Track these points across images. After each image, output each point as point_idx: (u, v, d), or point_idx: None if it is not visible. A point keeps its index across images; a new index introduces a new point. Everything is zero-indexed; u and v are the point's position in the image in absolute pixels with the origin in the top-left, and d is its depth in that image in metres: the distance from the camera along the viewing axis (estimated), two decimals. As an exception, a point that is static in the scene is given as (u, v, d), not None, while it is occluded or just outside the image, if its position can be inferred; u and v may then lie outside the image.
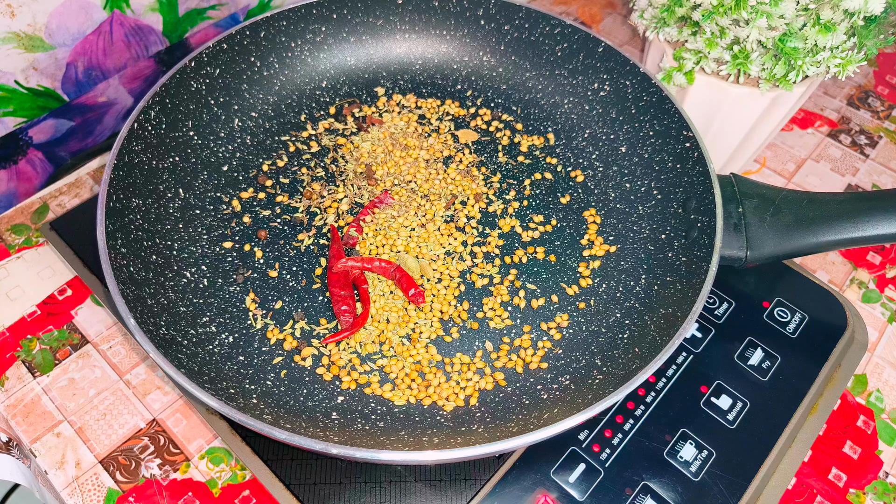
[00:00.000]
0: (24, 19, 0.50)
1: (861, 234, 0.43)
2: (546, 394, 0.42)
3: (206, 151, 0.52)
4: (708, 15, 0.46)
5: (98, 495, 0.42)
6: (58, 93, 0.56)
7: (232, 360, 0.43)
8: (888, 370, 0.50)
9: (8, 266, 0.53)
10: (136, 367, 0.48)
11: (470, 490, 0.42)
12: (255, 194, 0.52)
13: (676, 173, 0.49)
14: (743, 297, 0.51)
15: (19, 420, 0.45)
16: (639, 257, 0.48)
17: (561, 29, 0.54)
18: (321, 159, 0.54)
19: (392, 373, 0.44)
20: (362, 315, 0.45)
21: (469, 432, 0.40)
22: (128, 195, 0.44)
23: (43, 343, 0.49)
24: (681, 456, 0.44)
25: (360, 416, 0.41)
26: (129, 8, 0.55)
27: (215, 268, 0.47)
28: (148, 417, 0.46)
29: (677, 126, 0.48)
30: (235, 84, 0.54)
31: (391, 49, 0.59)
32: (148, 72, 0.62)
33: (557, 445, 0.44)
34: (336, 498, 0.42)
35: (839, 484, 0.45)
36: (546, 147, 0.56)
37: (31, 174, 0.59)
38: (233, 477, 0.43)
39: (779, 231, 0.44)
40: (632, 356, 0.41)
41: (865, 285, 0.55)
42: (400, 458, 0.34)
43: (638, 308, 0.45)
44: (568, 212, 0.52)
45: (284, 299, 0.47)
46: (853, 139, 0.65)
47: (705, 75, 0.50)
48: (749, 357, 0.48)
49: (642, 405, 0.46)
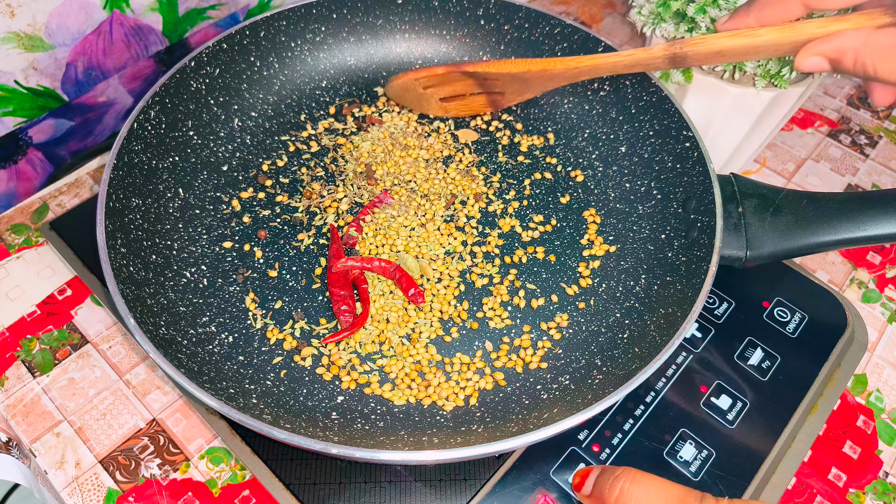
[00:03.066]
0: (23, 19, 0.50)
1: (861, 234, 0.43)
2: (546, 394, 0.42)
3: (205, 151, 0.52)
4: (701, 8, 0.46)
5: (98, 495, 0.42)
6: (58, 93, 0.56)
7: (232, 360, 0.43)
8: (888, 370, 0.50)
9: (8, 266, 0.53)
10: (136, 367, 0.48)
11: (470, 490, 0.42)
12: (255, 194, 0.52)
13: (676, 173, 0.49)
14: (743, 297, 0.51)
15: (19, 420, 0.45)
16: (639, 257, 0.48)
17: (561, 29, 0.54)
18: (321, 159, 0.54)
19: (392, 373, 0.44)
20: (362, 315, 0.45)
21: (469, 432, 0.40)
22: (127, 195, 0.44)
23: (43, 343, 0.49)
24: (680, 456, 0.44)
25: (360, 416, 0.41)
26: (128, 8, 0.55)
27: (215, 268, 0.47)
28: (148, 417, 0.46)
29: (677, 126, 0.48)
30: (235, 84, 0.54)
31: (391, 49, 0.59)
32: (148, 72, 0.62)
33: (557, 445, 0.44)
34: (336, 498, 0.42)
35: (839, 484, 0.45)
36: (546, 147, 0.56)
37: (31, 174, 0.59)
38: (233, 477, 0.43)
39: (779, 231, 0.44)
40: (632, 356, 0.41)
41: (865, 285, 0.55)
42: (400, 458, 0.34)
43: (638, 308, 0.45)
44: (568, 212, 0.52)
45: (284, 299, 0.47)
46: (853, 139, 0.65)
47: (704, 74, 0.50)
48: (749, 357, 0.48)
49: (642, 405, 0.46)
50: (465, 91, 0.53)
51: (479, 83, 0.52)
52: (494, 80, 0.51)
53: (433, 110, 0.56)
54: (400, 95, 0.55)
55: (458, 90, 0.53)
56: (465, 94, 0.53)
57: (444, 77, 0.51)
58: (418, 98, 0.55)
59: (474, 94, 0.53)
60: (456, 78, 0.51)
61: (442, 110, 0.56)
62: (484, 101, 0.54)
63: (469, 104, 0.55)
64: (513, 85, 0.51)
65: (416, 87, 0.53)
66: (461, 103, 0.55)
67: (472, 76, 0.51)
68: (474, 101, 0.54)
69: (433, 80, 0.52)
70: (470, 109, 0.56)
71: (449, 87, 0.53)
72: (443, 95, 0.54)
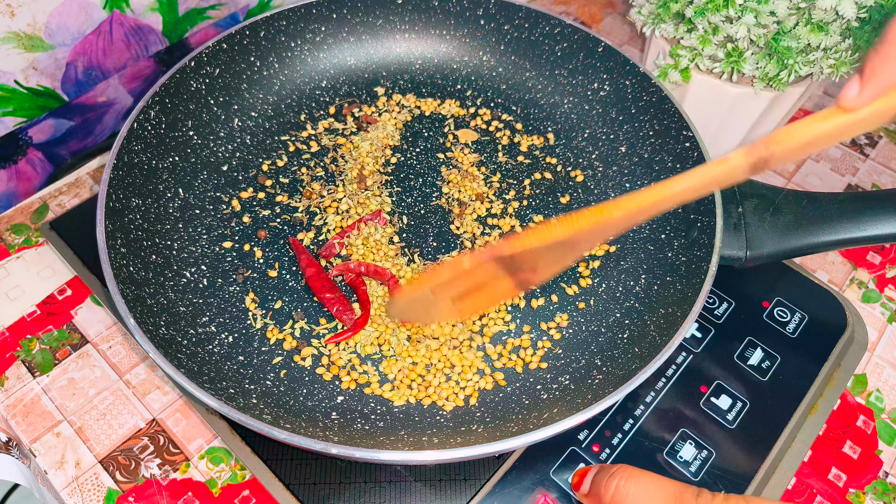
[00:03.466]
0: (23, 19, 0.50)
1: (861, 234, 0.43)
2: (546, 394, 0.42)
3: (205, 151, 0.52)
4: (700, 11, 0.46)
5: (98, 495, 0.42)
6: (58, 93, 0.56)
7: (232, 360, 0.43)
8: (888, 370, 0.50)
9: (8, 266, 0.53)
10: (136, 367, 0.48)
11: (470, 490, 0.42)
12: (255, 194, 0.52)
13: (676, 173, 0.48)
14: (743, 296, 0.51)
15: (19, 420, 0.45)
16: (639, 257, 0.48)
17: (561, 29, 0.54)
18: (321, 159, 0.54)
19: (391, 373, 0.44)
20: (363, 316, 0.45)
21: (469, 432, 0.40)
22: (127, 195, 0.44)
23: (43, 343, 0.49)
24: (680, 456, 0.44)
25: (360, 416, 0.41)
26: (128, 8, 0.55)
27: (215, 268, 0.47)
28: (148, 417, 0.46)
29: (677, 126, 0.48)
30: (235, 84, 0.54)
31: (391, 49, 0.59)
32: (148, 72, 0.62)
33: (557, 445, 0.44)
34: (336, 498, 0.42)
35: (839, 484, 0.45)
36: (546, 147, 0.56)
37: (31, 174, 0.59)
38: (232, 477, 0.43)
39: (779, 231, 0.44)
40: (631, 356, 0.41)
41: (865, 285, 0.55)
42: (400, 458, 0.34)
43: (638, 308, 0.45)
44: (568, 212, 0.52)
45: (284, 299, 0.47)
46: (853, 139, 0.65)
47: (704, 75, 0.50)
48: (749, 357, 0.48)
49: (642, 405, 0.46)
50: (486, 280, 0.39)
51: (506, 265, 0.38)
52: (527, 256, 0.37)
53: (445, 316, 0.43)
54: (405, 313, 0.43)
55: (479, 280, 0.39)
56: (484, 283, 0.39)
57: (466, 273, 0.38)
58: (426, 307, 0.41)
59: (497, 281, 0.39)
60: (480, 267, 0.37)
61: (456, 314, 0.42)
62: (510, 285, 0.39)
63: (491, 295, 0.41)
64: (552, 254, 0.37)
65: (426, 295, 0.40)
66: (480, 297, 0.40)
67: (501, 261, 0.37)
68: (498, 288, 0.40)
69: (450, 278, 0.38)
70: (491, 302, 0.43)
71: (467, 280, 0.39)
72: (457, 293, 0.40)
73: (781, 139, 0.32)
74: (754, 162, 0.33)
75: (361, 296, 0.46)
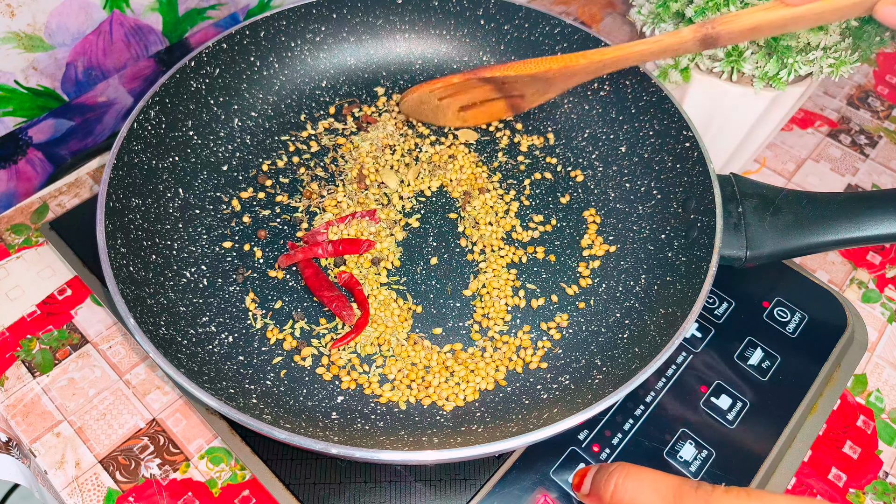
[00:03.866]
0: (23, 19, 0.50)
1: (861, 234, 0.43)
2: (546, 394, 0.42)
3: (205, 151, 0.52)
4: (700, 11, 0.46)
5: (98, 495, 0.42)
6: (57, 93, 0.56)
7: (232, 360, 0.43)
8: (888, 370, 0.50)
9: (8, 266, 0.53)
10: (136, 367, 0.48)
11: (470, 490, 0.42)
12: (255, 194, 0.52)
13: (676, 173, 0.49)
14: (743, 296, 0.51)
15: (19, 420, 0.45)
16: (638, 257, 0.48)
17: (561, 29, 0.54)
18: (321, 159, 0.54)
19: (391, 373, 0.44)
20: (362, 317, 0.45)
21: (469, 432, 0.40)
22: (127, 195, 0.44)
23: (43, 343, 0.49)
24: (680, 456, 0.44)
25: (360, 415, 0.41)
26: (128, 8, 0.55)
27: (215, 268, 0.47)
28: (148, 417, 0.46)
29: (677, 126, 0.48)
30: (235, 84, 0.54)
31: (391, 49, 0.59)
32: (148, 72, 0.62)
33: (557, 445, 0.44)
34: (336, 498, 0.42)
35: (839, 484, 0.45)
36: (546, 147, 0.56)
37: (31, 174, 0.59)
38: (232, 477, 0.43)
39: (778, 231, 0.44)
40: (631, 356, 0.41)
41: (865, 285, 0.55)
42: (400, 458, 0.34)
43: (638, 308, 0.45)
44: (568, 212, 0.52)
45: (284, 299, 0.47)
46: (853, 139, 0.65)
47: (704, 74, 0.50)
48: (749, 357, 0.48)
49: (642, 405, 0.46)
50: (483, 98, 0.51)
51: (497, 88, 0.50)
52: (514, 84, 0.49)
53: (451, 121, 0.54)
54: (415, 109, 0.54)
55: (476, 97, 0.51)
56: (483, 100, 0.52)
57: (460, 85, 0.50)
58: (434, 110, 0.53)
59: (493, 100, 0.52)
60: (473, 85, 0.50)
61: (460, 120, 0.54)
62: (504, 105, 0.52)
63: (488, 111, 0.53)
64: (533, 86, 0.49)
65: (431, 100, 0.51)
66: (480, 110, 0.53)
67: (489, 81, 0.49)
68: (493, 106, 0.52)
69: (449, 89, 0.50)
70: (489, 116, 0.54)
71: (466, 95, 0.51)
72: (460, 105, 0.52)
73: (728, 20, 0.38)
74: (702, 37, 0.39)
75: (358, 296, 0.46)
